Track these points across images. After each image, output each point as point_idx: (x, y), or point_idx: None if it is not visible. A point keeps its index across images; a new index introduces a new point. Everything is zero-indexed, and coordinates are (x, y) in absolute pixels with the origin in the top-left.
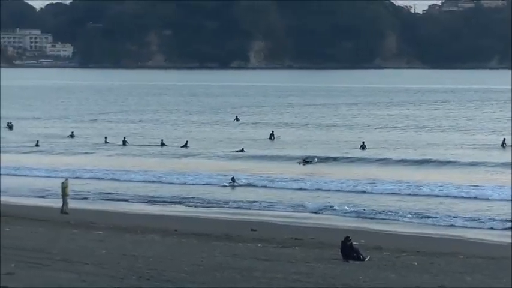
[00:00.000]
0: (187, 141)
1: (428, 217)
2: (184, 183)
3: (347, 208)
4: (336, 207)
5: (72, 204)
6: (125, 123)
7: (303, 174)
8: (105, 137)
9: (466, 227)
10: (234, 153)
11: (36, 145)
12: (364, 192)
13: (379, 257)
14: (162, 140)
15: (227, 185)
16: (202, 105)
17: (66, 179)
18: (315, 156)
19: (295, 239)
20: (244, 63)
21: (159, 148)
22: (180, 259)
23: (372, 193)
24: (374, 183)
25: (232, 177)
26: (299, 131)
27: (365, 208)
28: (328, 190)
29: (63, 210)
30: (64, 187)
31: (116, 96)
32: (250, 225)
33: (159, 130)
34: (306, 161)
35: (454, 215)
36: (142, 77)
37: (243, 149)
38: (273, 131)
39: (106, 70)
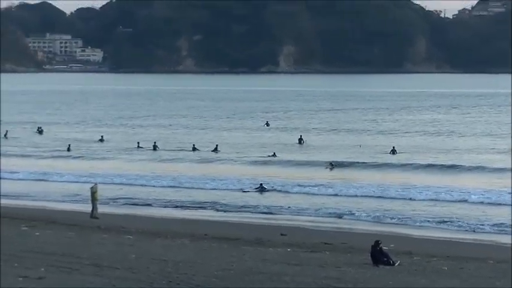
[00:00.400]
0: (217, 146)
1: (458, 222)
2: (215, 188)
3: (377, 213)
4: (366, 212)
5: (102, 208)
6: (155, 128)
7: (333, 179)
8: (138, 142)
9: (496, 232)
10: (265, 158)
11: (68, 149)
12: (394, 197)
13: (409, 261)
14: (193, 145)
15: (251, 190)
16: (232, 109)
17: (96, 184)
18: (343, 161)
19: (325, 243)
20: (273, 68)
21: (191, 153)
22: (210, 263)
23: (403, 199)
24: (405, 188)
25: (261, 184)
26: (330, 135)
27: (395, 213)
28: (358, 196)
29: (93, 214)
30: (93, 192)
31: (146, 100)
32: (280, 230)
33: (189, 135)
34: (332, 165)
35: (484, 220)
36: (173, 82)
37: (274, 153)
38: (301, 136)
39: (136, 75)
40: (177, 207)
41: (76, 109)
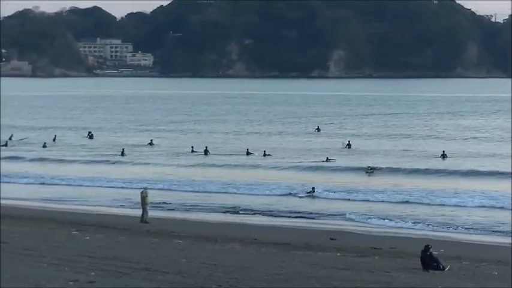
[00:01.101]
0: (264, 151)
1: (509, 227)
2: (263, 194)
3: (426, 218)
4: (414, 217)
5: (152, 213)
6: (207, 132)
7: (382, 184)
8: (192, 146)
9: None
10: (316, 162)
11: (122, 154)
12: (443, 202)
13: (459, 266)
14: (247, 149)
15: (303, 195)
16: (283, 114)
17: (146, 189)
18: (381, 167)
19: (375, 248)
20: (324, 73)
21: (243, 157)
22: (259, 268)
23: (454, 205)
24: (454, 193)
25: (313, 188)
26: (381, 140)
27: (445, 218)
28: (408, 202)
29: (143, 219)
30: (144, 196)
31: (197, 105)
32: (330, 234)
33: (241, 139)
34: (372, 168)
35: None
36: (223, 86)
37: (328, 158)
38: (349, 141)
39: (186, 79)
40: (226, 212)
41: (125, 113)
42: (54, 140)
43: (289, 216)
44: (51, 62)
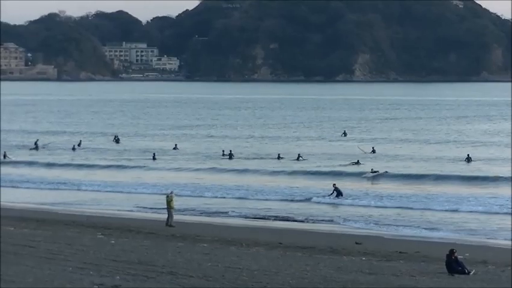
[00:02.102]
0: (299, 155)
1: None
2: (285, 200)
3: (451, 222)
4: (439, 222)
5: (177, 217)
6: (232, 137)
7: (407, 189)
8: (223, 150)
9: None
10: (346, 165)
11: (154, 158)
12: (468, 208)
13: (484, 270)
14: (278, 154)
15: (330, 196)
16: (308, 118)
17: (171, 192)
18: (416, 173)
19: (400, 252)
20: (349, 77)
21: (275, 161)
22: (285, 272)
23: (478, 210)
24: (479, 197)
25: (336, 188)
26: (404, 144)
27: (470, 222)
28: (430, 209)
29: (169, 223)
30: (169, 201)
31: (223, 109)
32: (355, 238)
33: (268, 143)
34: (374, 172)
35: None
36: (248, 90)
37: (358, 161)
38: (373, 147)
39: (212, 83)
40: (250, 218)
41: (150, 118)
42: (79, 144)
43: (313, 221)
44: (77, 65)
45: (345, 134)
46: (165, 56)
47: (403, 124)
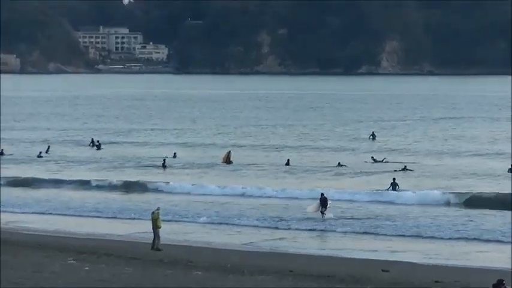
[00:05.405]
0: (338, 162)
1: None
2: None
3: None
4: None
5: (165, 237)
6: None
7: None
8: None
9: None
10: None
11: (163, 166)
12: None
13: None
14: (288, 160)
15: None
16: (327, 118)
17: (158, 209)
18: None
19: (436, 281)
20: (374, 69)
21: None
22: None
23: None
24: None
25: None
26: (444, 153)
27: None
28: (466, 238)
29: (155, 245)
30: (155, 218)
31: (221, 107)
32: (381, 264)
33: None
34: (374, 159)
35: None
36: (252, 85)
37: (405, 166)
38: (405, 166)
39: (207, 76)
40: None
41: (137, 117)
42: (47, 151)
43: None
44: (44, 55)
45: (373, 136)
46: (151, 43)
47: (440, 126)
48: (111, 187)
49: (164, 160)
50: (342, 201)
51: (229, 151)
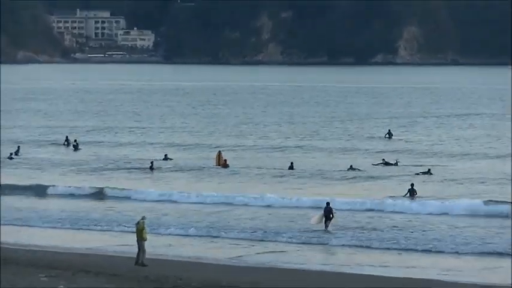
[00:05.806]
0: (351, 165)
1: None
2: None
3: None
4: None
5: (150, 251)
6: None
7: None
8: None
9: None
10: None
11: (151, 168)
12: None
13: None
14: (291, 163)
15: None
16: (338, 115)
17: (143, 218)
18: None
19: None
20: (391, 58)
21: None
22: None
23: None
24: None
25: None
26: (471, 154)
27: None
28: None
29: (140, 260)
30: (140, 229)
31: (215, 101)
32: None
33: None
34: (385, 162)
35: None
36: (250, 77)
37: (429, 169)
38: (429, 169)
39: (199, 66)
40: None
41: (121, 114)
42: (16, 153)
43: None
44: (13, 42)
45: (389, 134)
46: (135, 28)
47: (467, 123)
48: (89, 194)
49: (152, 162)
50: (353, 211)
51: (219, 151)
